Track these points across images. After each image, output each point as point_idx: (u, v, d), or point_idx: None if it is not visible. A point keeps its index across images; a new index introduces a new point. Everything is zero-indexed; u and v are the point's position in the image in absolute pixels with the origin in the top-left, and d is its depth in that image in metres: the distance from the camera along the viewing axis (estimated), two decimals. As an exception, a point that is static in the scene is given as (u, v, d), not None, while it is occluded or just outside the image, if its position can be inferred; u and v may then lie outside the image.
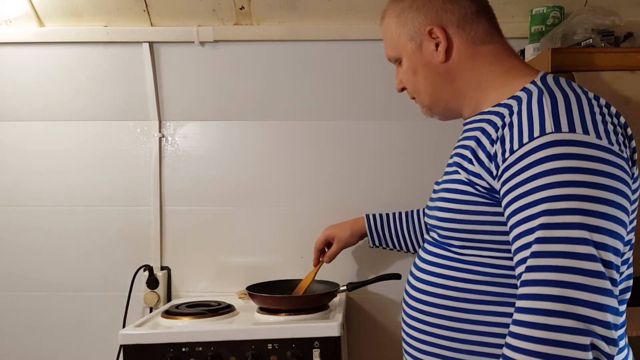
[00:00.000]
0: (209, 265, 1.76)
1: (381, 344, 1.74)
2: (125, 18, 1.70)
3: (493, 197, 0.90)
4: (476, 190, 0.92)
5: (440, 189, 1.02)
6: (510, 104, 0.91)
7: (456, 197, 0.95)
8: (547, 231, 0.78)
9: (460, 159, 0.96)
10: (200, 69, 1.75)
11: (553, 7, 1.54)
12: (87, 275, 1.76)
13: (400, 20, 1.05)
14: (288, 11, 1.69)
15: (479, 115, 1.00)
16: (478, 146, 0.92)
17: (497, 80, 1.00)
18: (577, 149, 0.80)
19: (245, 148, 1.76)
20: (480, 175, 0.91)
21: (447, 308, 0.96)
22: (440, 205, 0.99)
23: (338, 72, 1.74)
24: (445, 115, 1.11)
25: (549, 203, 0.79)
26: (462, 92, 1.03)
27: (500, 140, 0.88)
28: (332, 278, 1.63)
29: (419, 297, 1.01)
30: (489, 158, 0.90)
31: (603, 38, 1.42)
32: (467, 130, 1.02)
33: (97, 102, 1.76)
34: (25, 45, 1.74)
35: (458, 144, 1.03)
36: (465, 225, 0.94)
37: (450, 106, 1.07)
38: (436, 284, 0.98)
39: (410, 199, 1.66)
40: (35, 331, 1.76)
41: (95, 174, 1.76)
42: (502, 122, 0.89)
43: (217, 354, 1.34)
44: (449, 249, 0.98)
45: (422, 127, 1.70)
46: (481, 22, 1.02)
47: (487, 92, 1.00)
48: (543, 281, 0.77)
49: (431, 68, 1.03)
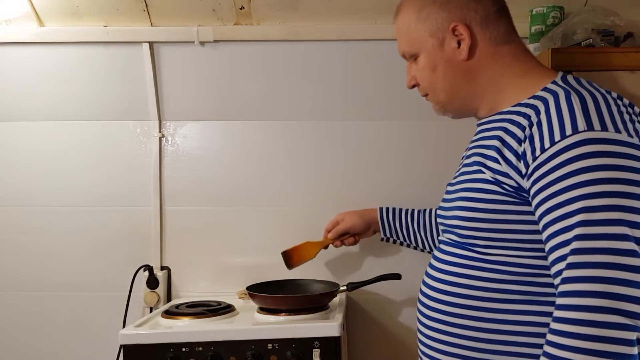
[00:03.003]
0: (209, 265, 1.76)
1: (381, 344, 1.74)
2: (125, 18, 1.70)
3: (521, 196, 0.90)
4: (503, 189, 0.92)
5: (460, 189, 1.01)
6: (535, 104, 0.91)
7: (481, 197, 0.95)
8: (587, 228, 0.79)
9: (483, 158, 0.96)
10: (200, 69, 1.75)
11: (553, 7, 1.54)
12: (87, 275, 1.76)
13: (421, 16, 1.04)
14: (288, 11, 1.69)
15: (497, 115, 1.00)
16: (503, 146, 0.92)
17: (516, 80, 1.00)
18: (611, 147, 0.81)
19: (245, 148, 1.76)
20: (508, 174, 0.91)
21: (471, 308, 0.95)
22: (462, 205, 0.98)
23: (338, 72, 1.74)
24: (459, 114, 1.10)
25: (587, 200, 0.79)
26: (480, 91, 1.03)
27: (529, 139, 0.88)
28: (332, 278, 1.63)
29: (440, 298, 1.00)
30: (516, 157, 0.90)
31: (603, 38, 1.42)
32: (485, 130, 1.02)
33: (97, 102, 1.76)
34: (25, 45, 1.74)
35: (475, 144, 1.03)
36: (491, 225, 0.94)
37: (466, 105, 1.07)
38: (460, 284, 0.97)
39: (411, 199, 1.66)
40: (35, 331, 1.76)
41: (95, 174, 1.76)
42: (529, 122, 0.90)
43: (217, 354, 1.34)
44: (472, 249, 0.97)
45: (423, 127, 1.70)
46: (502, 22, 1.03)
47: (506, 92, 1.00)
48: (586, 278, 0.78)
49: (452, 65, 1.03)
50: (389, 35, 1.68)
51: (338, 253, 1.70)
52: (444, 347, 0.99)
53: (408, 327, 1.73)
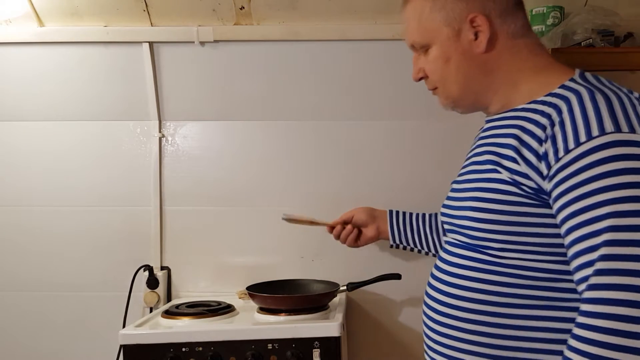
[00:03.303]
0: (209, 265, 1.76)
1: (381, 344, 1.74)
2: (125, 18, 1.70)
3: (540, 198, 0.87)
4: (521, 190, 0.88)
5: (472, 188, 0.97)
6: (555, 103, 0.88)
7: (497, 197, 0.91)
8: (616, 234, 0.76)
9: (498, 157, 0.92)
10: (200, 69, 1.75)
11: (553, 7, 1.54)
12: (87, 275, 1.76)
13: (436, 5, 0.99)
14: (288, 11, 1.69)
15: (510, 112, 0.97)
16: (522, 145, 0.89)
17: (533, 76, 0.97)
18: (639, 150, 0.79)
19: (246, 148, 1.76)
20: (528, 175, 0.87)
21: (486, 314, 0.92)
22: (475, 205, 0.94)
23: (338, 72, 1.74)
24: (469, 109, 1.06)
25: (615, 205, 0.77)
26: (495, 86, 1.00)
27: (551, 138, 0.84)
28: (332, 278, 1.63)
29: (452, 303, 0.96)
30: (537, 157, 0.86)
31: (603, 38, 1.42)
32: (497, 127, 0.99)
33: (97, 102, 1.76)
34: (25, 45, 1.74)
35: (486, 141, 0.99)
36: (507, 227, 0.90)
37: (479, 99, 1.02)
38: (473, 288, 0.93)
39: (411, 199, 1.66)
40: (35, 331, 1.76)
41: (95, 174, 1.76)
42: (549, 121, 0.86)
43: (217, 354, 1.34)
44: (485, 252, 0.93)
45: (424, 127, 1.70)
46: (519, 15, 1.00)
47: (521, 88, 0.97)
48: (617, 285, 0.75)
49: (467, 58, 0.99)
50: (389, 35, 1.69)
51: (338, 253, 1.70)
52: (456, 353, 0.95)
53: (408, 327, 1.73)
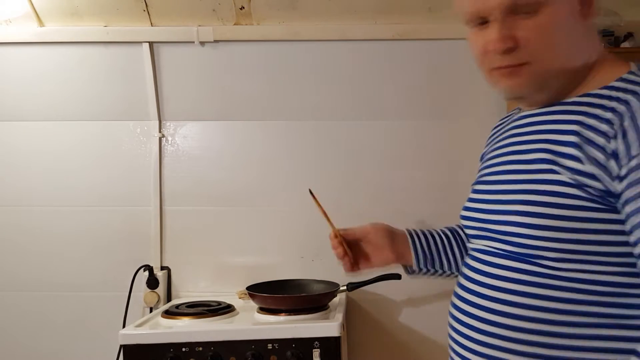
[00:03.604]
0: (209, 265, 1.76)
1: (381, 344, 1.74)
2: (125, 18, 1.70)
3: (607, 202, 0.78)
4: (585, 193, 0.78)
5: (521, 190, 0.85)
6: (620, 97, 0.79)
7: (554, 201, 0.80)
8: None
9: (554, 155, 0.82)
10: (200, 69, 1.75)
11: (553, 7, 1.53)
12: (87, 275, 1.76)
13: None
14: (288, 11, 1.69)
15: (558, 105, 0.86)
16: (586, 142, 0.79)
17: (597, 65, 0.86)
18: None
19: (245, 148, 1.76)
20: (594, 176, 0.78)
21: (542, 333, 0.80)
22: (526, 210, 0.83)
23: (338, 72, 1.74)
24: (548, 96, 0.88)
25: None
26: (582, 65, 0.86)
27: (622, 135, 0.76)
28: (332, 278, 1.62)
29: (498, 321, 0.83)
30: (605, 156, 0.77)
31: (603, 38, 1.42)
32: (542, 122, 0.88)
33: (97, 102, 1.76)
34: (25, 45, 1.74)
35: (531, 137, 0.87)
36: (567, 234, 0.79)
37: (567, 80, 0.86)
38: (525, 305, 0.81)
39: (411, 199, 1.67)
40: (35, 331, 1.76)
41: (95, 174, 1.76)
42: (618, 115, 0.77)
43: (217, 354, 1.34)
44: (538, 263, 0.81)
45: (424, 127, 1.70)
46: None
47: (593, 73, 0.85)
48: None
49: (578, 25, 0.84)
50: (389, 35, 1.69)
51: (338, 253, 1.70)
52: None
53: (408, 327, 1.73)
